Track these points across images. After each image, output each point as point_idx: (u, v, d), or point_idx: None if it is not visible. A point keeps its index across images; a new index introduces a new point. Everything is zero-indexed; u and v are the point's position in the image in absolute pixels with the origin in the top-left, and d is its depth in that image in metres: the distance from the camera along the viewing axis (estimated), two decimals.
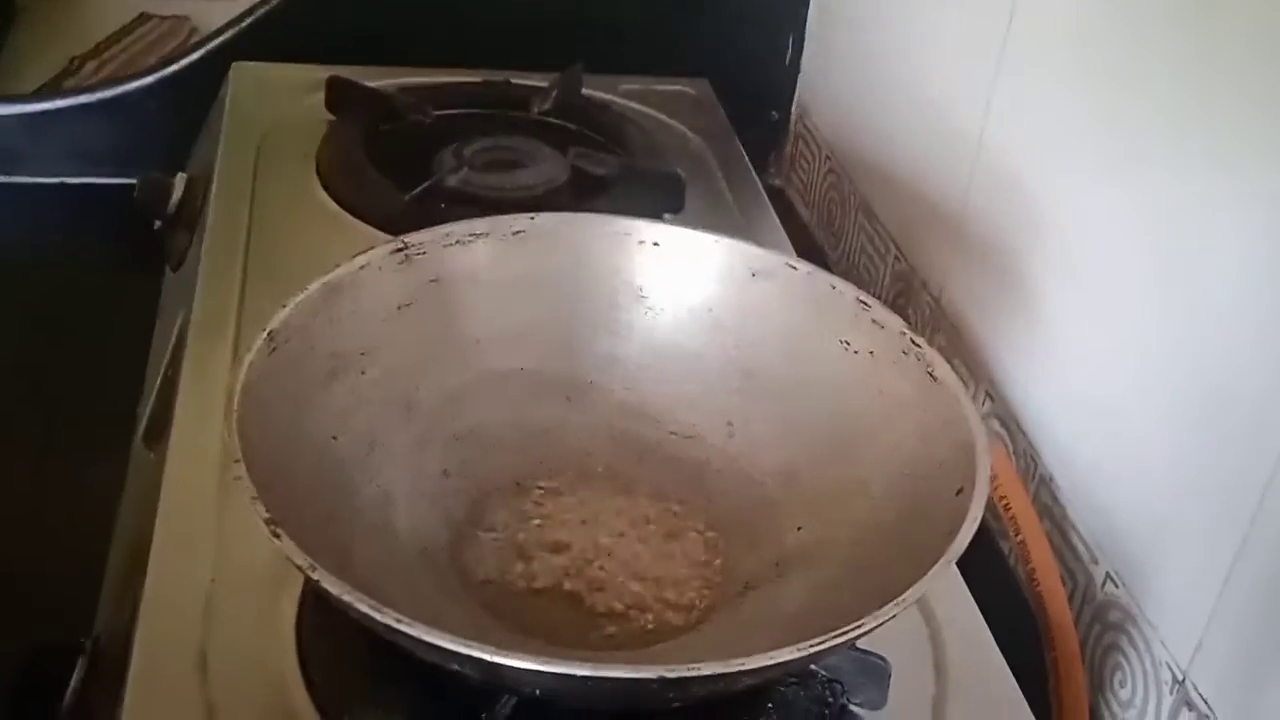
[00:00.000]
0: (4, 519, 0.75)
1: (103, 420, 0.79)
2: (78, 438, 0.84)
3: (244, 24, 1.01)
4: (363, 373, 0.56)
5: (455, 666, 0.42)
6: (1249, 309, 0.54)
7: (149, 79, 1.00)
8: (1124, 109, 0.63)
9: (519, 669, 0.40)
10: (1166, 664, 0.59)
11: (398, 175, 0.82)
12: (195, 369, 0.67)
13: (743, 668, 0.41)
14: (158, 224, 0.88)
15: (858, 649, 0.50)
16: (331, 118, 0.90)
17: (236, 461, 0.45)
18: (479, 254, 0.60)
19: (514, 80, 0.97)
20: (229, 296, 0.72)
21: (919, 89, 0.86)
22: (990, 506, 0.49)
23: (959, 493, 0.48)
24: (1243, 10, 0.54)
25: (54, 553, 0.74)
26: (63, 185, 1.00)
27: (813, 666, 0.51)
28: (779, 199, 1.04)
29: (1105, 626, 0.64)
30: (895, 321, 0.56)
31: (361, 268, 0.56)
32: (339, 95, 0.91)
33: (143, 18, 1.26)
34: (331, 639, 0.52)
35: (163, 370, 0.75)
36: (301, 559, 0.42)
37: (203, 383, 0.66)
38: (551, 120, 0.94)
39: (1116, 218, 0.64)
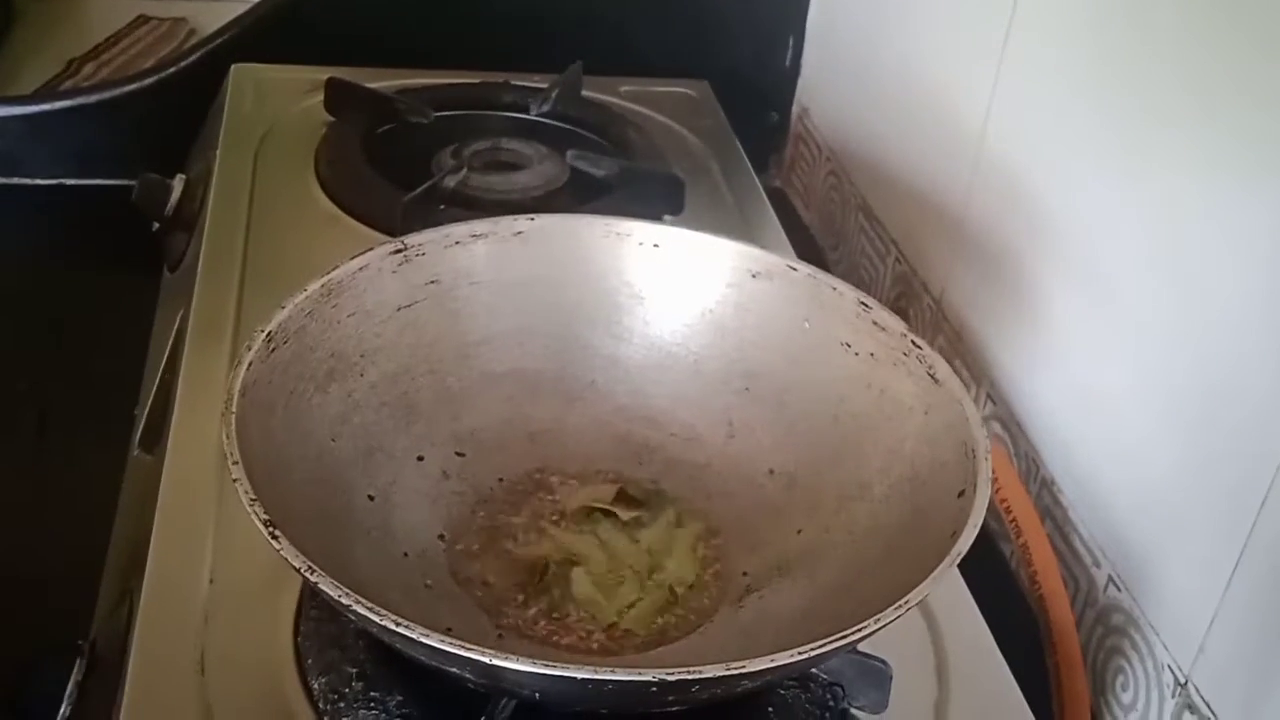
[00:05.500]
0: (0, 520, 0.75)
1: (100, 422, 0.79)
2: (75, 439, 0.84)
3: (243, 25, 1.01)
4: (361, 374, 0.56)
5: (454, 669, 0.42)
6: (1252, 312, 0.54)
7: (148, 80, 1.00)
8: (1126, 110, 0.63)
9: (518, 671, 0.40)
10: (1169, 667, 0.58)
11: (397, 177, 0.82)
12: (193, 371, 0.67)
13: (742, 670, 0.40)
14: (156, 225, 0.88)
15: (859, 652, 0.50)
16: (330, 119, 0.90)
17: (234, 463, 0.45)
18: (479, 255, 0.60)
19: (513, 81, 0.97)
20: (227, 298, 0.72)
21: (920, 90, 0.86)
22: (992, 509, 0.49)
23: (961, 494, 0.48)
24: (1247, 7, 0.54)
25: (50, 555, 0.73)
26: (61, 186, 1.00)
27: (814, 670, 0.51)
28: (779, 201, 1.03)
29: (1107, 630, 0.63)
30: (896, 323, 0.56)
31: (361, 269, 0.56)
32: (338, 96, 0.90)
33: (141, 20, 1.26)
34: (329, 642, 0.52)
35: (160, 372, 0.75)
36: (299, 561, 0.42)
37: (201, 385, 0.66)
38: (551, 122, 0.94)
39: (1118, 219, 0.63)
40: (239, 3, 1.04)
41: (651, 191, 0.83)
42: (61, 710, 0.53)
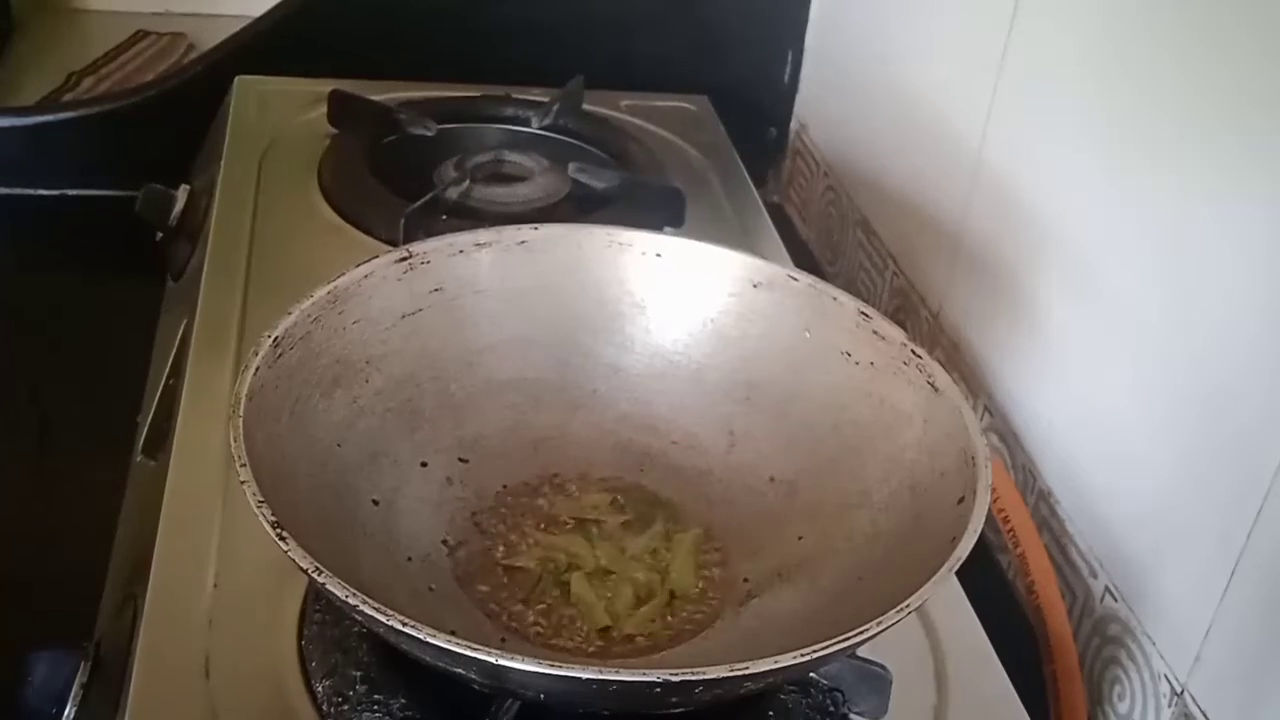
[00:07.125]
0: (4, 525, 0.75)
1: (103, 429, 0.79)
2: (78, 446, 0.84)
3: (246, 38, 1.02)
4: (367, 381, 0.56)
5: (459, 670, 0.42)
6: (1249, 324, 0.54)
7: (152, 91, 1.01)
8: (1123, 122, 0.63)
9: (523, 671, 0.41)
10: (1165, 676, 0.59)
11: (399, 188, 0.82)
12: (197, 379, 0.67)
13: (745, 672, 0.41)
14: (160, 235, 0.88)
15: (859, 658, 0.50)
16: (334, 131, 0.91)
17: (242, 465, 0.45)
18: (483, 264, 0.60)
19: (515, 95, 0.97)
20: (231, 307, 0.72)
21: (917, 105, 0.87)
22: (989, 520, 0.49)
23: (960, 501, 0.49)
24: (1249, 8, 0.55)
25: (54, 558, 0.74)
26: (64, 197, 1.00)
27: (814, 675, 0.51)
28: (778, 215, 1.04)
29: (1104, 640, 0.64)
30: (896, 332, 0.56)
31: (366, 276, 0.57)
32: (341, 108, 0.91)
33: (140, 35, 1.26)
34: (333, 645, 0.52)
35: (164, 380, 0.75)
36: (306, 562, 0.42)
37: (204, 392, 0.66)
38: (552, 135, 0.94)
39: (1115, 232, 0.64)
40: (239, 19, 1.05)
41: (652, 204, 0.83)
42: (66, 712, 0.53)
